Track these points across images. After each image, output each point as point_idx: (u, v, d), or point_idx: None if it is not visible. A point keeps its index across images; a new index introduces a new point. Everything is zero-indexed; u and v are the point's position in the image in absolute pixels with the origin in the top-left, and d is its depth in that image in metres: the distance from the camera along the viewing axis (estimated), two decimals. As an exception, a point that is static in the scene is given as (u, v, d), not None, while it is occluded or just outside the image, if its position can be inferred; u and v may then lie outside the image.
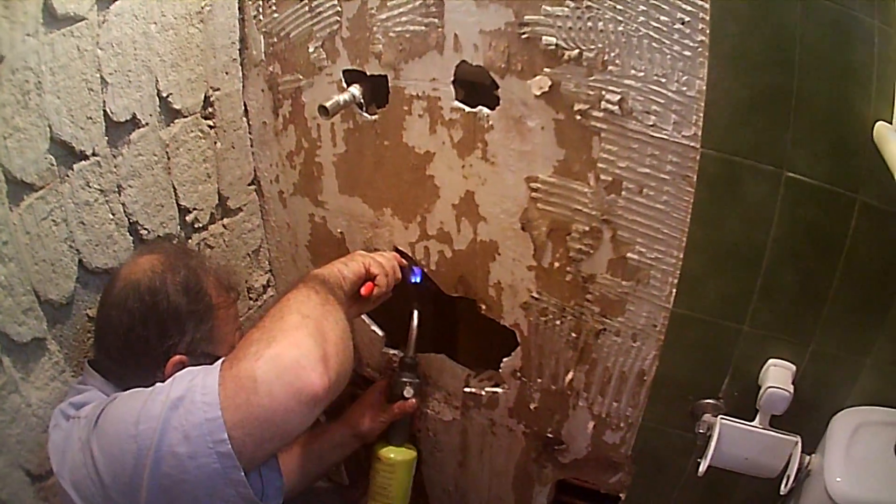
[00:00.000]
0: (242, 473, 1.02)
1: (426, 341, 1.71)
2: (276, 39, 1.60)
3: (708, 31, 1.22)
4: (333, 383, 1.06)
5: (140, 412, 1.04)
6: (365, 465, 1.80)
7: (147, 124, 1.44)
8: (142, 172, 1.44)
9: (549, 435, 1.71)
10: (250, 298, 1.85)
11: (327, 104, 1.43)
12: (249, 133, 1.73)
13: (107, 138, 1.35)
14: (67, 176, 1.27)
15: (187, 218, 1.60)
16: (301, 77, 1.59)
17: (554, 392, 1.64)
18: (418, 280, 1.65)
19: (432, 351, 1.75)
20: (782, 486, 1.44)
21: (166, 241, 1.51)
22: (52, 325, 1.27)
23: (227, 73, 1.63)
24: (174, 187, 1.54)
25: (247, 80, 1.68)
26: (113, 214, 1.39)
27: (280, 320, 1.11)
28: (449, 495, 2.03)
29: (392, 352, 1.79)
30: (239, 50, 1.65)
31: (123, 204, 1.41)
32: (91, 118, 1.30)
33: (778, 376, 1.42)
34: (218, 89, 1.61)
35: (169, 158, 1.52)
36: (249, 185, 1.78)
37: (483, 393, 1.72)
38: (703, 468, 1.46)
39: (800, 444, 1.43)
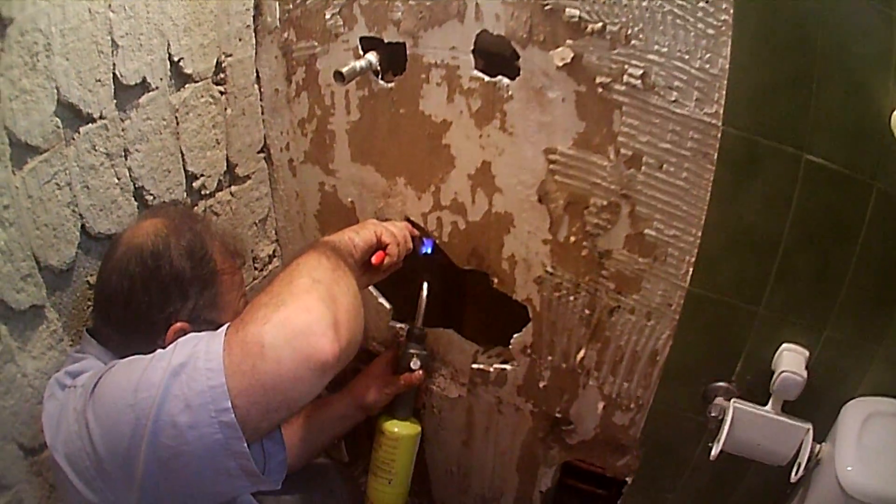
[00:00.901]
0: (245, 445, 1.01)
1: (434, 316, 1.74)
2: (291, 6, 1.62)
3: (731, 12, 1.24)
4: (344, 350, 1.05)
5: (139, 380, 1.03)
6: (366, 440, 1.82)
7: (157, 88, 1.45)
8: (149, 137, 1.45)
9: (558, 415, 1.75)
10: (255, 268, 1.88)
11: (343, 70, 1.45)
12: (261, 100, 1.76)
13: (115, 101, 1.35)
14: (73, 139, 1.27)
15: (194, 184, 1.62)
16: (316, 44, 1.62)
17: (564, 370, 1.67)
18: (429, 251, 1.67)
19: (440, 326, 1.78)
20: (792, 473, 1.46)
21: (171, 205, 1.51)
22: (51, 292, 1.27)
23: (240, 40, 1.66)
24: (182, 153, 1.56)
25: (260, 46, 1.70)
26: (118, 179, 1.40)
27: (289, 284, 1.10)
28: (451, 475, 2.07)
29: (399, 325, 1.83)
30: (253, 16, 1.67)
31: (129, 168, 1.42)
32: (100, 81, 1.31)
33: (792, 361, 1.44)
34: (230, 55, 1.64)
35: (178, 123, 1.53)
36: (259, 152, 1.81)
37: (491, 369, 1.76)
38: (715, 452, 1.49)
39: (811, 432, 1.45)
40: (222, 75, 1.62)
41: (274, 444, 1.14)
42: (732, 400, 1.49)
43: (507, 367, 1.74)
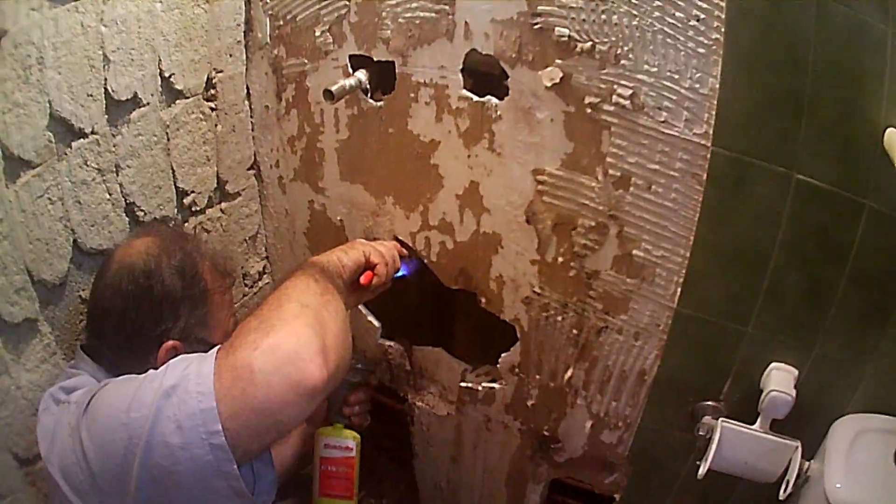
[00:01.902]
0: (235, 467, 0.98)
1: (423, 334, 1.67)
2: (281, 22, 1.57)
3: (723, 30, 1.20)
4: (332, 375, 1.02)
5: (132, 399, 1.01)
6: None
7: (148, 104, 1.41)
8: (140, 153, 1.42)
9: (546, 433, 1.69)
10: (246, 285, 1.83)
11: (333, 88, 1.41)
12: (251, 117, 1.72)
13: (106, 117, 1.33)
14: (65, 154, 1.25)
15: (185, 201, 1.58)
16: (306, 61, 1.57)
17: (552, 389, 1.62)
18: (404, 274, 1.58)
19: (429, 345, 1.72)
20: (781, 491, 1.42)
21: (163, 224, 1.48)
22: (44, 305, 1.25)
23: (230, 56, 1.61)
24: (173, 169, 1.52)
25: (250, 62, 1.66)
26: (110, 195, 1.36)
27: (278, 308, 1.07)
28: (441, 491, 2.01)
29: (388, 343, 1.76)
30: (244, 32, 1.63)
31: (121, 184, 1.39)
32: (92, 96, 1.28)
33: (780, 380, 1.40)
34: (221, 71, 1.59)
35: (168, 139, 1.49)
36: (249, 169, 1.76)
37: (480, 388, 1.71)
38: (702, 470, 1.44)
39: (800, 450, 1.41)
40: (213, 91, 1.58)
41: (264, 465, 1.11)
42: (720, 419, 1.44)
43: (496, 385, 1.68)
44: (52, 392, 1.16)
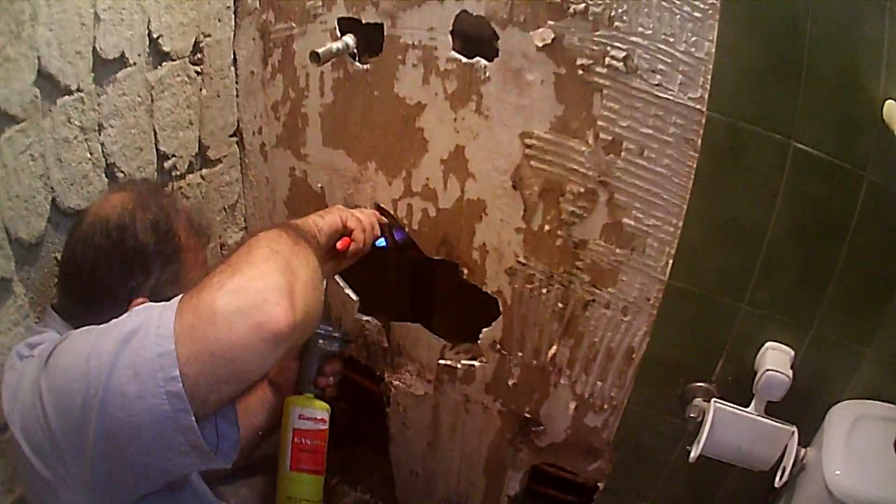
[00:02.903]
0: (193, 419, 0.88)
1: (401, 310, 1.55)
2: None
3: None
4: (299, 323, 0.92)
5: (91, 348, 0.91)
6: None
7: (135, 64, 1.35)
8: (124, 113, 1.35)
9: (527, 415, 1.57)
10: (223, 255, 1.70)
11: (319, 50, 1.33)
12: (236, 83, 1.62)
13: (93, 75, 1.26)
14: (50, 111, 1.19)
15: (165, 164, 1.49)
16: (294, 25, 1.48)
17: (535, 368, 1.49)
18: (383, 245, 1.46)
19: (407, 320, 1.61)
20: (776, 478, 1.31)
21: (139, 181, 1.39)
22: (19, 265, 1.17)
23: (219, 20, 1.54)
24: (155, 131, 1.45)
25: (238, 28, 1.57)
26: (91, 154, 1.30)
27: (247, 254, 0.98)
28: (416, 477, 1.87)
29: (365, 318, 1.64)
30: None
31: (102, 144, 1.32)
32: (80, 53, 1.22)
33: (776, 360, 1.29)
34: (209, 35, 1.52)
35: (153, 101, 1.42)
36: (231, 136, 1.67)
37: (459, 366, 1.58)
38: (694, 454, 1.33)
39: (796, 435, 1.30)
40: (199, 55, 1.50)
41: (227, 424, 1.03)
42: (713, 400, 1.33)
43: (476, 363, 1.56)
44: (18, 348, 1.07)
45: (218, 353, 0.88)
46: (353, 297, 1.64)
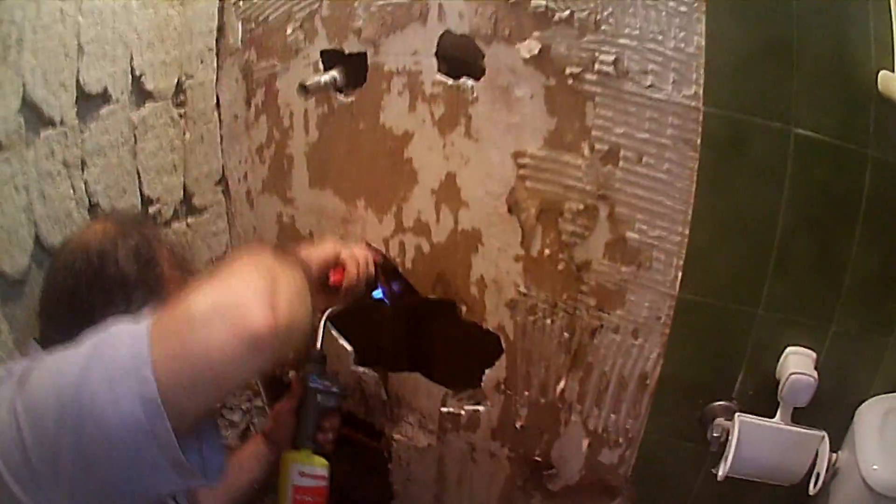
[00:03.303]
0: (169, 428, 0.78)
1: (398, 359, 1.45)
2: (253, 25, 1.47)
3: None
4: (281, 328, 0.83)
5: (64, 359, 0.83)
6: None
7: (118, 101, 1.34)
8: (107, 151, 1.33)
9: (537, 458, 1.44)
10: None
11: (307, 83, 1.29)
12: (220, 129, 1.58)
13: (76, 109, 1.24)
14: (34, 142, 1.17)
15: (150, 210, 1.47)
16: (276, 62, 1.45)
17: (543, 406, 1.38)
18: (381, 298, 1.38)
19: (405, 369, 1.50)
20: (811, 485, 1.23)
21: (122, 211, 1.36)
22: (3, 301, 1.15)
23: (201, 62, 1.52)
24: (139, 173, 1.41)
25: (221, 70, 1.54)
26: (74, 192, 1.28)
27: (228, 266, 0.90)
28: None
29: (362, 370, 1.52)
30: (216, 39, 1.53)
31: (86, 182, 1.30)
32: (63, 85, 1.21)
33: (799, 363, 1.22)
34: (192, 77, 1.50)
35: (136, 142, 1.39)
36: (216, 184, 1.61)
37: (462, 412, 1.46)
38: (722, 473, 1.24)
39: (826, 439, 1.23)
40: (182, 97, 1.48)
41: (212, 449, 0.90)
42: (737, 414, 1.24)
43: (480, 408, 1.44)
44: None
45: (194, 355, 0.80)
46: (348, 347, 1.53)
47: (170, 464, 0.79)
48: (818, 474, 1.22)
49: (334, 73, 1.34)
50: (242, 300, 0.83)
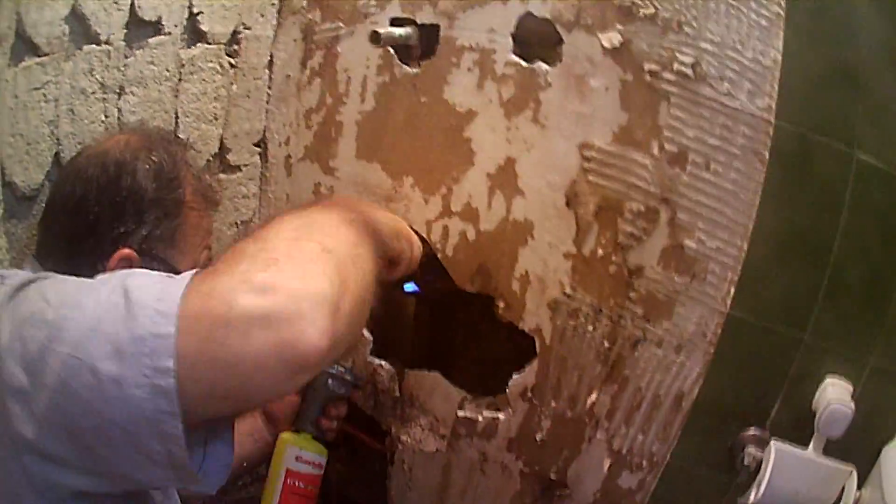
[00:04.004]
0: (179, 426, 0.69)
1: (418, 355, 1.41)
2: None
3: (783, 3, 1.14)
4: (333, 351, 0.72)
5: (68, 295, 0.73)
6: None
7: (169, 34, 1.31)
8: (149, 83, 1.30)
9: (553, 476, 1.41)
10: None
11: (381, 30, 1.30)
12: (269, 88, 1.56)
13: (126, 31, 1.21)
14: (74, 55, 1.12)
15: None
16: (342, 24, 1.47)
17: (568, 420, 1.37)
18: (414, 290, 1.32)
19: (424, 367, 1.46)
20: None
21: (152, 127, 1.28)
22: (7, 215, 1.08)
23: (262, 16, 1.52)
24: (177, 115, 1.38)
25: (281, 28, 1.54)
26: (106, 116, 1.24)
27: (292, 241, 0.78)
28: None
29: (378, 362, 1.49)
30: None
31: (119, 109, 1.26)
32: (117, 3, 1.19)
33: (838, 394, 1.21)
34: (249, 28, 1.49)
35: (180, 80, 1.37)
36: (255, 145, 1.59)
37: (480, 418, 1.43)
38: (754, 499, 1.21)
39: (854, 475, 1.22)
40: (236, 47, 1.47)
41: (220, 443, 0.79)
42: (773, 440, 1.23)
43: (500, 415, 1.41)
44: None
45: (223, 362, 0.69)
46: (367, 335, 1.50)
47: (169, 462, 0.71)
48: None
49: (410, 29, 1.34)
50: (298, 313, 0.69)
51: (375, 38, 1.28)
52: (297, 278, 0.71)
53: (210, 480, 0.78)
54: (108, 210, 1.01)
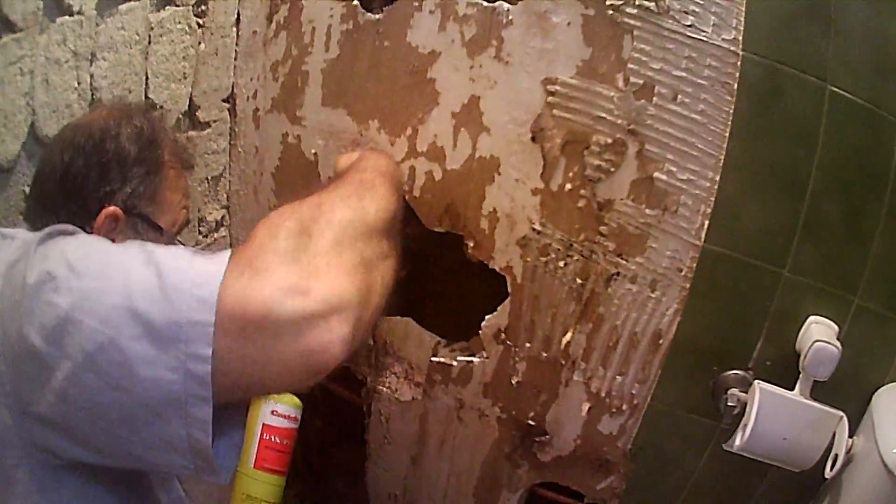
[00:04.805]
0: (210, 416, 0.72)
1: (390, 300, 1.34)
2: None
3: None
4: (347, 356, 0.77)
5: (94, 263, 0.73)
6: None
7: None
8: (119, 47, 1.32)
9: (530, 422, 1.38)
10: (201, 233, 1.61)
11: None
12: (236, 46, 1.54)
13: (97, 1, 1.23)
14: (48, 27, 1.17)
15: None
16: None
17: (544, 361, 1.32)
18: None
19: (395, 314, 1.43)
20: (828, 468, 1.17)
21: (128, 101, 1.33)
22: None
23: None
24: (147, 76, 1.39)
25: None
26: (78, 83, 1.29)
27: (335, 245, 0.81)
28: (395, 502, 1.60)
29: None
30: None
31: (91, 75, 1.29)
32: None
33: (823, 332, 1.18)
34: None
35: (150, 43, 1.38)
36: (224, 101, 1.57)
37: (454, 363, 1.39)
38: (739, 442, 1.18)
39: (846, 420, 1.18)
40: (203, 7, 1.46)
41: (234, 431, 0.84)
42: (757, 382, 1.19)
43: (475, 359, 1.37)
44: None
45: (252, 361, 0.72)
46: None
47: (191, 449, 0.73)
48: (836, 456, 1.16)
49: None
50: (328, 328, 0.73)
51: None
52: (333, 293, 0.74)
53: (225, 467, 0.80)
54: (95, 171, 1.05)
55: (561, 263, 1.26)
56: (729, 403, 1.22)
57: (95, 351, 0.68)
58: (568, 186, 1.23)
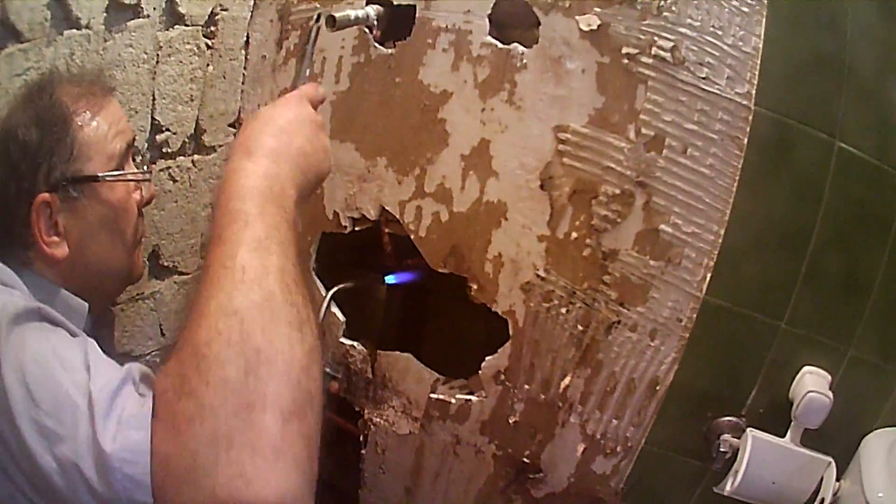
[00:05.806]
0: None
1: (390, 336, 1.35)
2: None
3: None
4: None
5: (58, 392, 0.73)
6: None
7: (148, 16, 1.29)
8: (126, 65, 1.28)
9: (526, 459, 1.37)
10: (202, 257, 1.50)
11: (336, 14, 1.20)
12: (244, 69, 1.53)
13: (105, 15, 1.20)
14: (55, 40, 1.13)
15: (158, 137, 1.39)
16: (318, 5, 1.41)
17: (542, 403, 1.33)
18: (394, 282, 1.29)
19: (397, 349, 1.43)
20: None
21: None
22: None
23: None
24: (154, 97, 1.34)
25: (257, 9, 1.50)
26: None
27: (258, 381, 0.65)
28: None
29: (350, 343, 1.44)
30: None
31: None
32: None
33: (816, 383, 1.20)
34: (226, 10, 1.45)
35: (158, 62, 1.34)
36: (230, 126, 1.55)
37: (453, 400, 1.39)
38: (731, 487, 1.20)
39: (833, 466, 1.21)
40: (213, 28, 1.42)
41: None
42: (749, 429, 1.21)
43: (473, 398, 1.37)
44: None
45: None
46: (341, 317, 1.46)
47: None
48: (822, 500, 1.19)
49: (369, 10, 1.25)
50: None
51: (331, 21, 1.18)
52: (271, 482, 0.63)
53: None
54: (8, 175, 1.00)
55: (563, 310, 1.26)
56: (721, 449, 1.23)
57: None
58: (574, 235, 1.23)
